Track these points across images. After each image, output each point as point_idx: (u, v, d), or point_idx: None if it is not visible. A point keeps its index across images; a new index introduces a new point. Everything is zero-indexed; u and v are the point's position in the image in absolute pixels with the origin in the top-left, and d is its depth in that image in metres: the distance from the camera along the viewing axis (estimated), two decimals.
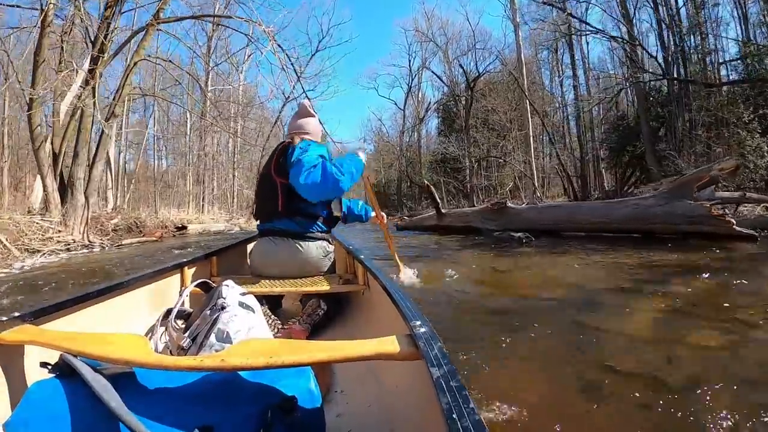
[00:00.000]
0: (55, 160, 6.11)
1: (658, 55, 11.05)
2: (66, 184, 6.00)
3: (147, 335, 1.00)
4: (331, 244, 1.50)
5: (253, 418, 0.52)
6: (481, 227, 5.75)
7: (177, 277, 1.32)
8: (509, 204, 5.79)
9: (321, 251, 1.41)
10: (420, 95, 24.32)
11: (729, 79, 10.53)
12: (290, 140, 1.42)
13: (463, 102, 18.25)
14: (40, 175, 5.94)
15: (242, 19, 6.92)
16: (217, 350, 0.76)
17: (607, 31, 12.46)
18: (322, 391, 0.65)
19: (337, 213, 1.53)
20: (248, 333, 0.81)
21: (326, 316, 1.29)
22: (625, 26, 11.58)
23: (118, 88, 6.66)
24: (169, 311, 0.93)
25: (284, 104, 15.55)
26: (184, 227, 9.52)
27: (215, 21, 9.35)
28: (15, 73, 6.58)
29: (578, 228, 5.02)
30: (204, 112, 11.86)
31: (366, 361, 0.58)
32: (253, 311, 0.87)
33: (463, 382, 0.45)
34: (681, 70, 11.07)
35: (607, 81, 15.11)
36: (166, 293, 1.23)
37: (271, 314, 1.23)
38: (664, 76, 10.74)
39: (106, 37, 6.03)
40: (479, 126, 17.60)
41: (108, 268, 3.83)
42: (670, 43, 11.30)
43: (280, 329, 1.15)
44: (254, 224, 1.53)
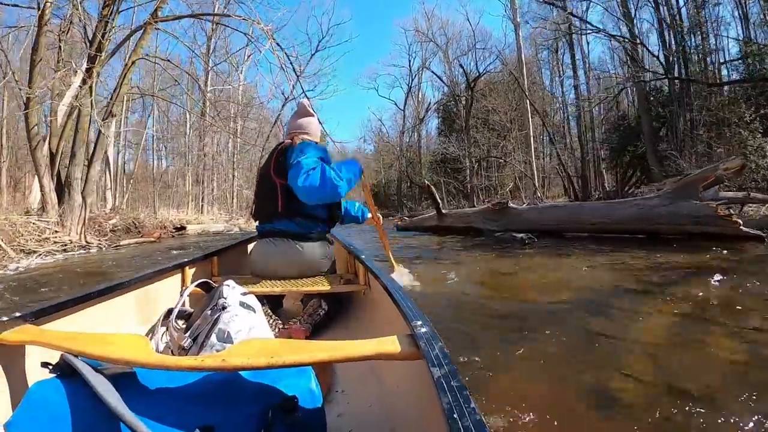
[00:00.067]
0: (53, 160, 6.09)
1: (660, 54, 11.08)
2: (63, 184, 5.99)
3: (148, 335, 1.01)
4: (331, 244, 1.51)
5: (254, 418, 0.52)
6: (483, 228, 5.70)
7: (178, 277, 1.33)
8: (510, 204, 5.73)
9: (321, 252, 1.41)
10: (420, 95, 24.39)
11: (730, 80, 10.57)
12: (290, 140, 1.42)
13: (464, 102, 18.27)
14: (37, 175, 5.93)
15: (240, 18, 6.90)
16: (218, 350, 0.76)
17: (608, 31, 12.51)
18: (323, 391, 0.65)
19: (338, 213, 1.53)
20: (249, 333, 0.81)
21: (327, 316, 1.29)
22: (626, 25, 11.59)
23: (115, 88, 6.67)
24: (170, 311, 0.93)
25: (284, 104, 15.57)
26: (183, 228, 9.51)
27: (214, 20, 9.34)
28: (12, 72, 6.58)
29: (581, 228, 4.96)
30: (203, 112, 11.87)
31: (367, 360, 0.58)
32: (254, 311, 0.87)
33: (464, 382, 0.45)
34: (682, 70, 11.11)
35: (608, 81, 15.15)
36: (167, 293, 1.23)
37: (272, 314, 1.24)
38: (666, 76, 10.76)
39: (103, 36, 6.01)
40: (479, 126, 17.62)
41: (103, 269, 3.80)
42: (671, 43, 11.34)
43: (281, 329, 1.15)
44: (254, 225, 1.53)
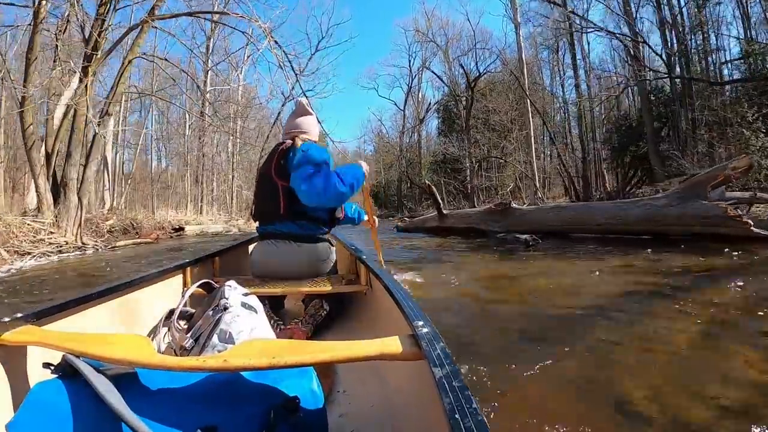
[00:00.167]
0: (49, 160, 6.08)
1: (662, 53, 11.11)
2: (59, 184, 5.98)
3: (149, 336, 1.01)
4: (332, 245, 1.51)
5: (256, 418, 0.53)
6: (485, 229, 5.65)
7: (179, 278, 1.33)
8: (513, 205, 5.66)
9: (323, 253, 1.42)
10: (420, 96, 24.47)
11: (731, 79, 10.61)
12: (291, 141, 1.41)
13: (464, 102, 18.30)
14: (33, 176, 5.92)
15: (238, 16, 6.88)
16: (219, 351, 0.76)
17: (609, 30, 12.54)
18: (325, 392, 0.66)
19: (339, 215, 1.54)
20: (251, 333, 0.82)
21: (329, 316, 1.29)
22: (629, 23, 11.57)
23: (112, 87, 6.66)
24: (172, 312, 0.93)
25: (283, 104, 15.57)
26: (181, 228, 9.51)
27: (212, 18, 9.34)
28: (7, 71, 6.58)
29: (586, 229, 4.88)
30: (203, 113, 11.87)
31: (369, 361, 0.58)
32: (256, 312, 0.87)
33: (466, 383, 0.45)
34: (683, 69, 11.15)
35: (608, 81, 15.21)
36: (168, 294, 1.24)
37: (273, 315, 1.24)
38: (669, 75, 10.79)
39: (100, 35, 6.01)
40: (480, 126, 17.64)
41: (96, 272, 3.75)
42: (672, 43, 11.38)
43: (282, 330, 1.16)
44: (254, 225, 1.53)
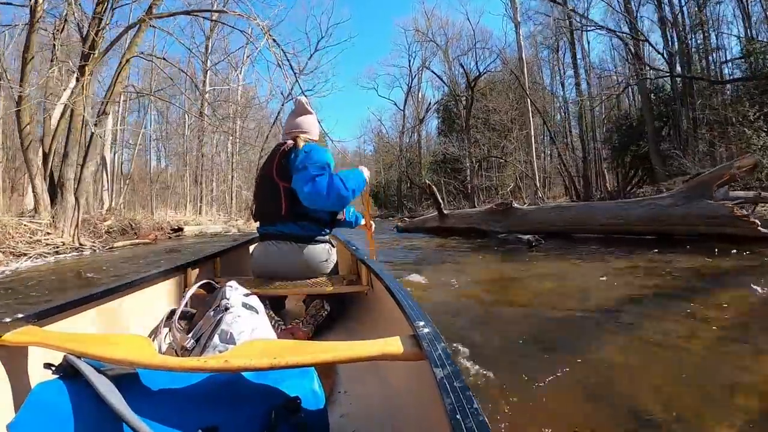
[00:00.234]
0: (46, 161, 6.08)
1: (663, 51, 11.13)
2: (56, 184, 5.97)
3: (150, 336, 1.02)
4: (333, 246, 1.51)
5: (257, 418, 0.53)
6: (486, 229, 5.61)
7: (180, 278, 1.34)
8: (515, 204, 5.62)
9: (324, 253, 1.42)
10: (420, 95, 24.52)
11: (732, 78, 10.63)
12: (293, 142, 1.41)
13: (464, 102, 18.31)
14: (29, 176, 5.91)
15: (236, 14, 6.88)
16: (220, 351, 0.76)
17: (610, 28, 12.55)
18: (326, 392, 0.66)
19: (340, 216, 1.55)
20: (252, 334, 0.82)
21: (330, 316, 1.30)
22: (630, 20, 11.57)
23: (109, 86, 6.65)
24: (173, 312, 0.94)
25: (283, 104, 15.58)
26: (180, 229, 9.52)
27: (211, 18, 9.35)
28: (5, 71, 6.56)
29: (588, 229, 4.82)
30: (202, 113, 11.87)
31: (370, 361, 0.58)
32: (257, 312, 0.88)
33: (467, 383, 0.46)
34: (684, 68, 11.17)
35: (608, 81, 15.25)
36: (169, 294, 1.24)
37: (274, 315, 1.25)
38: (670, 73, 10.80)
39: (97, 34, 5.99)
40: (480, 126, 17.66)
41: (89, 274, 3.71)
42: (673, 42, 11.40)
43: (283, 330, 1.16)
44: (253, 226, 1.54)
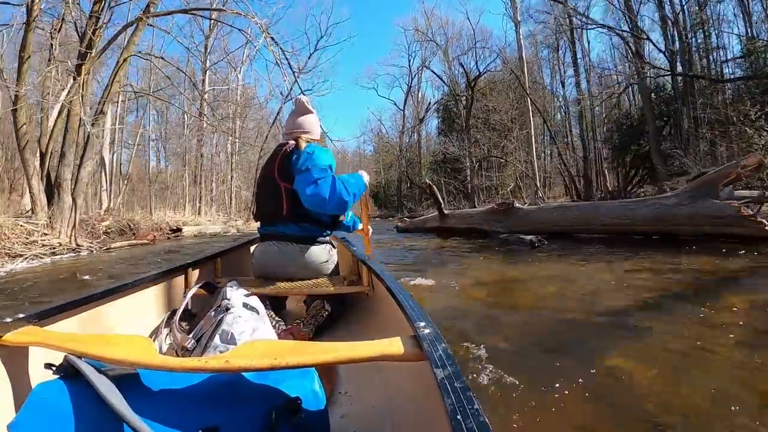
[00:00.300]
0: (42, 161, 6.07)
1: (665, 49, 11.13)
2: (53, 185, 5.95)
3: (151, 336, 1.02)
4: (334, 247, 1.51)
5: (258, 419, 0.53)
6: (487, 229, 5.58)
7: (181, 279, 1.34)
8: (516, 204, 5.58)
9: (324, 254, 1.42)
10: (420, 95, 24.56)
11: (734, 77, 10.66)
12: (295, 142, 1.40)
13: (464, 101, 18.32)
14: (26, 176, 5.89)
15: (234, 12, 6.88)
16: (221, 351, 0.77)
17: (611, 26, 12.57)
18: (327, 393, 0.66)
19: (342, 218, 1.55)
20: (252, 334, 0.82)
21: (330, 317, 1.30)
22: (631, 18, 11.54)
23: (107, 86, 6.64)
24: (174, 312, 0.94)
25: (282, 103, 15.60)
26: (179, 229, 9.51)
27: (209, 16, 9.35)
28: (1, 71, 6.55)
29: (591, 230, 4.77)
30: (201, 113, 11.89)
31: (370, 362, 0.59)
32: (258, 312, 0.88)
33: (468, 383, 0.46)
34: (685, 67, 11.19)
35: (609, 80, 15.28)
36: (170, 295, 1.25)
37: (275, 315, 1.24)
38: (672, 72, 10.81)
39: (94, 33, 5.99)
40: (480, 126, 17.67)
41: (87, 275, 3.65)
42: (674, 40, 11.41)
43: (284, 330, 1.16)
44: (253, 226, 1.54)
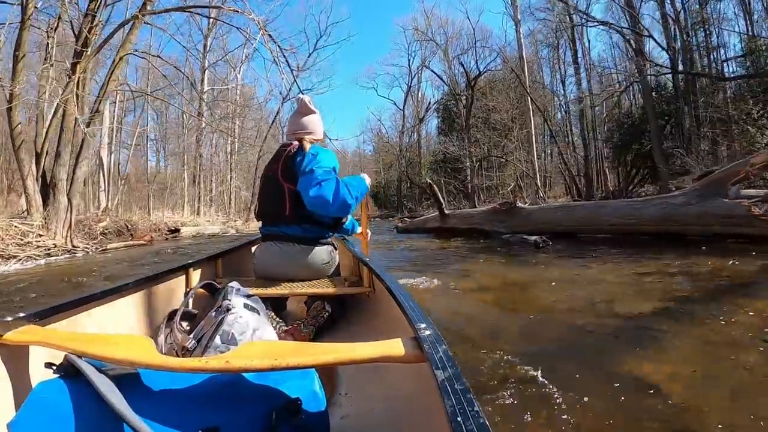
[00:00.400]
0: (38, 161, 6.06)
1: (667, 47, 11.14)
2: (48, 185, 5.94)
3: (152, 336, 1.02)
4: (335, 248, 1.52)
5: (258, 419, 0.54)
6: (489, 229, 5.55)
7: (182, 279, 1.35)
8: (519, 204, 5.56)
9: (326, 255, 1.43)
10: (420, 95, 24.64)
11: (736, 75, 10.69)
12: (299, 143, 1.41)
13: (464, 101, 18.35)
14: (21, 176, 5.88)
15: (230, 10, 6.90)
16: (221, 352, 0.77)
17: (613, 23, 12.59)
18: (327, 394, 0.66)
19: (344, 220, 1.55)
20: (253, 335, 0.83)
21: (331, 318, 1.30)
22: (633, 15, 11.52)
23: (103, 84, 6.63)
24: (174, 312, 0.95)
25: (282, 103, 15.65)
26: (177, 230, 9.51)
27: (208, 15, 9.36)
28: None
29: (596, 230, 4.70)
30: (200, 113, 11.90)
31: (371, 363, 0.59)
32: (258, 313, 0.88)
33: (468, 385, 0.46)
34: (687, 66, 11.21)
35: (609, 79, 15.33)
36: (171, 294, 1.25)
37: (275, 316, 1.25)
38: (674, 70, 10.82)
39: (90, 31, 5.98)
40: (480, 125, 17.70)
41: (81, 277, 3.63)
42: (676, 37, 11.44)
43: (284, 331, 1.17)
44: (252, 227, 1.55)
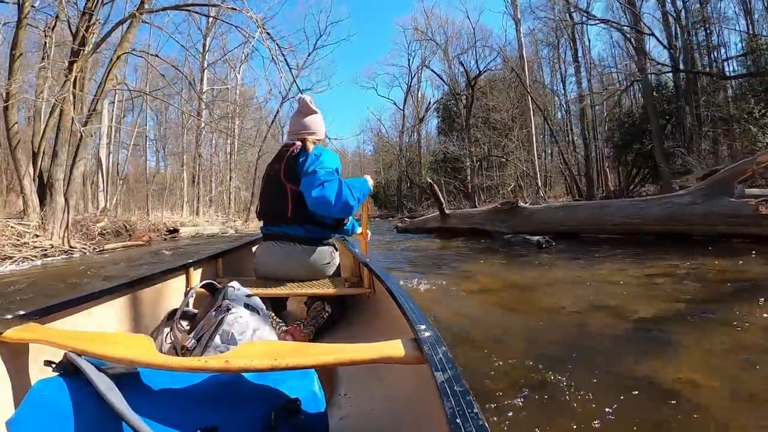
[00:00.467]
0: (35, 160, 6.05)
1: (669, 46, 11.15)
2: (45, 185, 5.94)
3: (152, 335, 1.02)
4: (336, 249, 1.52)
5: (257, 419, 0.54)
6: (490, 229, 5.53)
7: (182, 278, 1.35)
8: (520, 204, 5.51)
9: (326, 256, 1.43)
10: (419, 95, 24.70)
11: (739, 73, 10.71)
12: (302, 144, 1.41)
13: (464, 101, 18.37)
14: (18, 176, 5.88)
15: (229, 7, 6.89)
16: (221, 351, 0.77)
17: (614, 21, 12.59)
18: (326, 394, 0.66)
19: (346, 221, 1.56)
20: (253, 335, 0.83)
21: (331, 318, 1.31)
22: (634, 13, 11.49)
23: (100, 84, 6.62)
24: (174, 312, 0.95)
25: (281, 103, 15.66)
26: (176, 230, 9.51)
27: (207, 13, 9.36)
28: None
29: (600, 230, 4.66)
30: (199, 113, 11.91)
31: (370, 364, 0.59)
32: (258, 313, 0.89)
33: (468, 388, 0.46)
34: (688, 65, 11.22)
35: (609, 79, 15.35)
36: (171, 294, 1.26)
37: (275, 316, 1.26)
38: (677, 68, 10.82)
39: (87, 30, 5.98)
40: (480, 125, 17.73)
41: (76, 278, 3.59)
42: (677, 37, 11.46)
43: (284, 331, 1.17)
44: (252, 227, 1.55)
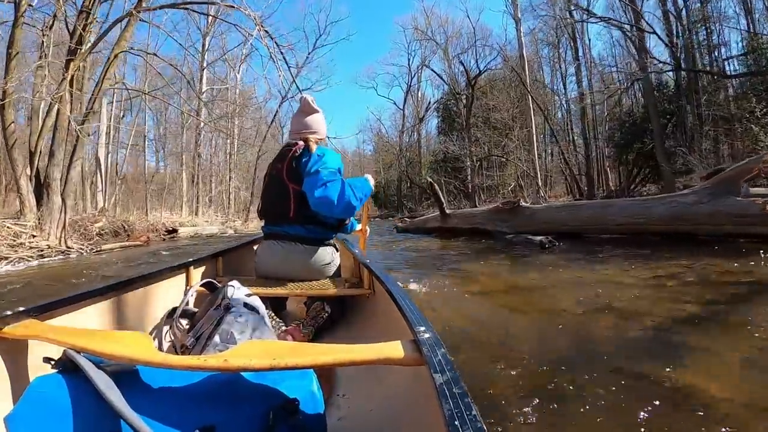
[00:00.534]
0: (32, 160, 6.05)
1: (669, 44, 11.15)
2: (42, 185, 5.93)
3: (151, 334, 1.03)
4: (337, 249, 1.53)
5: (255, 419, 0.54)
6: (491, 229, 5.50)
7: (182, 277, 1.36)
8: (522, 203, 5.48)
9: (327, 256, 1.44)
10: (419, 94, 24.73)
11: (740, 72, 10.71)
12: (305, 144, 1.42)
13: (464, 100, 18.38)
14: (14, 176, 5.87)
15: (227, 6, 6.89)
16: (220, 350, 0.77)
17: (615, 20, 12.60)
18: (325, 395, 0.67)
19: (347, 221, 1.58)
20: (252, 334, 0.83)
21: (330, 319, 1.31)
22: (635, 11, 11.48)
23: (97, 83, 6.62)
24: (174, 310, 0.96)
25: (281, 102, 15.68)
26: (175, 230, 9.52)
27: (206, 11, 9.34)
28: None
29: (603, 230, 4.63)
30: (199, 112, 11.92)
31: (369, 365, 0.59)
32: (258, 312, 0.89)
33: (467, 390, 0.47)
34: (689, 64, 11.23)
35: (610, 78, 15.37)
36: (171, 292, 1.26)
37: (275, 316, 1.26)
38: (679, 67, 10.80)
39: (84, 28, 5.97)
40: (480, 124, 17.74)
41: (72, 278, 3.58)
42: (679, 36, 11.47)
43: (283, 331, 1.17)
44: (252, 227, 1.56)
